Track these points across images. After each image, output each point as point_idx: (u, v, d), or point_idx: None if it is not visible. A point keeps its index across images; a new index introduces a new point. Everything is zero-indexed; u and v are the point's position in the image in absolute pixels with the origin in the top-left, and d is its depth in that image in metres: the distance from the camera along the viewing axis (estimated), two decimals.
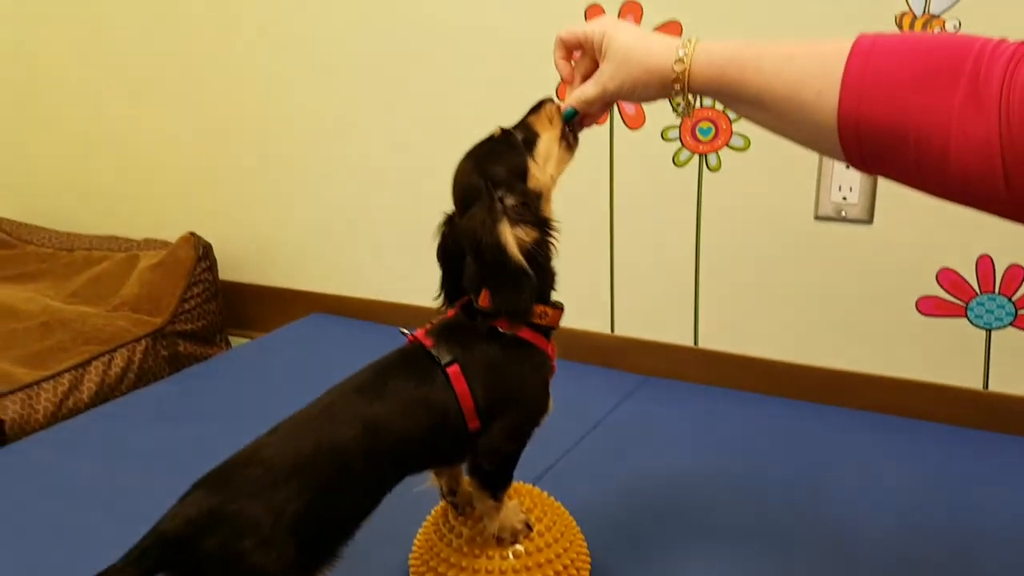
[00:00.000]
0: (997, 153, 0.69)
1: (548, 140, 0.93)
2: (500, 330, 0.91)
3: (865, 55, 0.74)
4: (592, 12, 1.57)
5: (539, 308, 0.91)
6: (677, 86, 0.85)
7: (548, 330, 0.94)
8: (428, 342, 0.92)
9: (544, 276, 0.91)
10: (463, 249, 0.90)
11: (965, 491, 1.26)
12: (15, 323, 1.76)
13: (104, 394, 1.65)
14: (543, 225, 0.90)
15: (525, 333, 0.92)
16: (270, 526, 0.81)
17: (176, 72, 2.09)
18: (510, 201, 0.89)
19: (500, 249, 0.86)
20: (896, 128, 0.73)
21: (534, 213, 0.90)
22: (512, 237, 0.87)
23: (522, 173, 0.91)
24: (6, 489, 1.32)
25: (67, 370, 1.62)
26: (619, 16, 1.53)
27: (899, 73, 0.73)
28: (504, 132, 0.94)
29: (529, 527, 0.99)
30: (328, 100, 1.91)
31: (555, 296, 0.96)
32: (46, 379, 1.58)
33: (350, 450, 0.86)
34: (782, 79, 0.78)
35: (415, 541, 1.06)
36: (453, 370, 0.89)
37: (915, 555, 1.11)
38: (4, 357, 1.66)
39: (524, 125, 0.95)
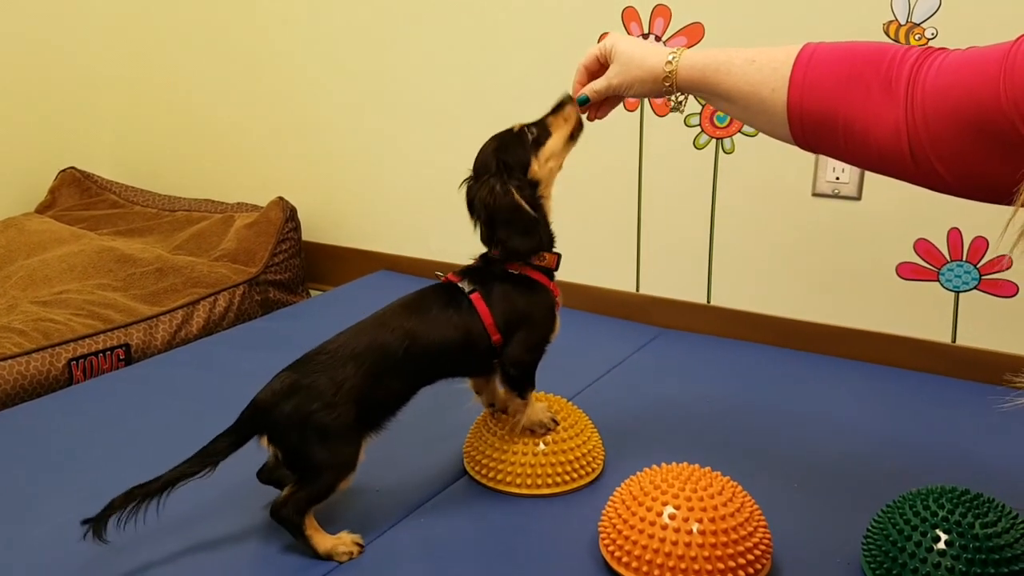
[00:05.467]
0: (904, 135, 0.91)
1: (556, 139, 1.18)
2: (510, 271, 1.18)
3: (807, 61, 0.97)
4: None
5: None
6: (667, 83, 1.08)
7: (549, 271, 1.21)
8: (456, 279, 1.20)
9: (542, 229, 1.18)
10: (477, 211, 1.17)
11: (932, 425, 1.46)
12: (133, 268, 2.02)
13: (210, 328, 1.93)
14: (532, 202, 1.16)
15: (530, 272, 1.19)
16: (332, 394, 1.09)
17: (267, 62, 2.32)
18: (513, 183, 1.15)
19: (515, 206, 1.14)
20: (829, 117, 0.95)
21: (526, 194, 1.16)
22: (521, 198, 1.15)
23: (524, 165, 1.17)
24: (133, 396, 1.59)
25: (179, 307, 1.90)
26: (651, 16, 1.78)
27: (831, 75, 0.95)
28: (521, 129, 1.19)
29: (555, 422, 1.26)
30: (398, 94, 2.14)
31: (586, 257, 1.22)
32: (163, 313, 1.87)
33: (393, 347, 1.13)
34: (746, 79, 1.00)
35: (467, 437, 1.34)
36: (475, 296, 1.17)
37: (878, 471, 1.31)
38: (127, 295, 1.94)
39: (543, 124, 1.19)
